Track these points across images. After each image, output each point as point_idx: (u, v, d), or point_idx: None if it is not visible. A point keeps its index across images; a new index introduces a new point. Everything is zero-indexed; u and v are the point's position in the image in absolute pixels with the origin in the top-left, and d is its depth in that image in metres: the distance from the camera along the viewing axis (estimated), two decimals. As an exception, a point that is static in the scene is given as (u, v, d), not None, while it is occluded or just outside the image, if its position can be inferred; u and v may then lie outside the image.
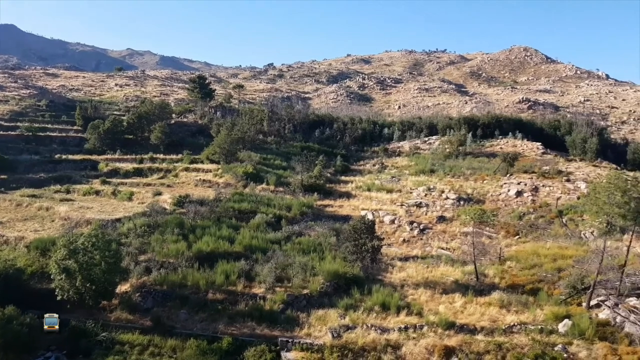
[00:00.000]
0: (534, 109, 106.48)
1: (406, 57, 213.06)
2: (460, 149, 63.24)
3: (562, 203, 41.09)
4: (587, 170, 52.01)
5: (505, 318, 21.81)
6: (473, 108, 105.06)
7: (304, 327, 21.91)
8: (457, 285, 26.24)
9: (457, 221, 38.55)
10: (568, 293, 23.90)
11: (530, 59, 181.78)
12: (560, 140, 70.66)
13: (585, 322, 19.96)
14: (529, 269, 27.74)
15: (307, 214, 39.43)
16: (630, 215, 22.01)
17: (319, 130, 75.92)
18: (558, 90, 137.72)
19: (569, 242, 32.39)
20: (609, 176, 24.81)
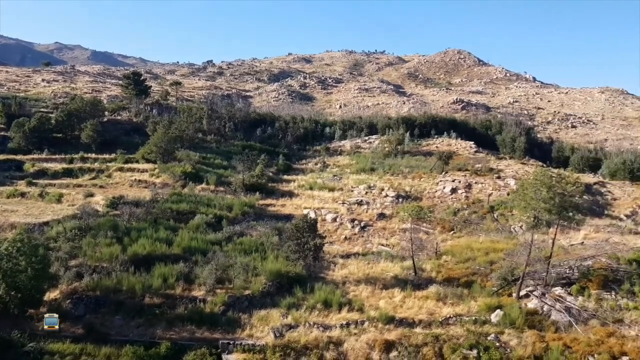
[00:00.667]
0: (467, 110, 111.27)
1: (346, 57, 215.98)
2: (398, 148, 64.97)
3: (493, 199, 43.25)
4: (516, 167, 55.01)
5: (441, 310, 22.63)
6: (411, 108, 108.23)
7: (246, 328, 21.66)
8: (396, 280, 26.91)
9: (397, 218, 39.57)
10: (499, 284, 25.17)
11: (463, 62, 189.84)
12: (491, 140, 74.34)
13: (515, 312, 21.10)
14: (464, 263, 28.97)
15: (249, 214, 38.99)
16: (555, 210, 23.51)
17: (261, 129, 75.35)
18: (489, 92, 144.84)
19: (500, 236, 34.15)
20: (535, 173, 26.37)
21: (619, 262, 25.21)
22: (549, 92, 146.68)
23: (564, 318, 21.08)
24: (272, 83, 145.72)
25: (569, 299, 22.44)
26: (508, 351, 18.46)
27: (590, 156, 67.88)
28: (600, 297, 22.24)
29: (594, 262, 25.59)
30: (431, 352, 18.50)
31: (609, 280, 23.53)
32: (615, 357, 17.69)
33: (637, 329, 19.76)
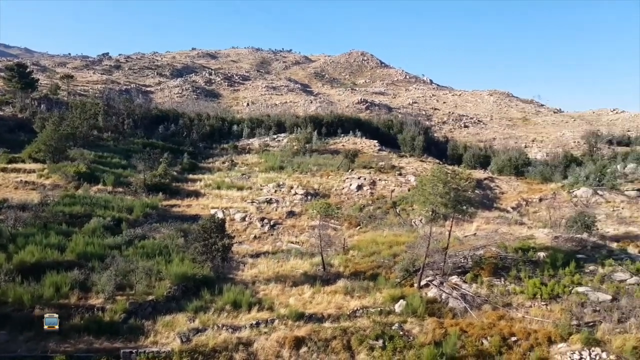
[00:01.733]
0: (371, 110, 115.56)
1: (253, 54, 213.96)
2: (307, 147, 65.76)
3: (395, 195, 45.33)
4: (416, 165, 58.17)
5: (349, 304, 23.22)
6: (318, 107, 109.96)
7: (150, 335, 20.56)
8: (306, 277, 27.18)
9: (306, 215, 40.00)
10: (402, 276, 26.42)
11: (367, 63, 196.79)
12: (393, 138, 77.95)
13: (417, 301, 22.26)
14: (369, 257, 30.01)
15: (152, 215, 37.10)
16: (450, 204, 25.16)
17: (163, 126, 72.25)
18: (391, 93, 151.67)
19: (402, 230, 35.85)
20: (432, 170, 28.02)
21: (506, 250, 27.59)
22: (444, 94, 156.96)
23: (460, 304, 22.64)
24: (175, 78, 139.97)
25: (464, 287, 24.14)
26: (411, 339, 19.42)
27: (481, 154, 73.83)
28: (491, 284, 24.16)
29: (485, 252, 27.78)
30: (340, 345, 18.92)
31: (499, 267, 25.65)
32: (505, 338, 19.32)
33: (523, 311, 21.74)
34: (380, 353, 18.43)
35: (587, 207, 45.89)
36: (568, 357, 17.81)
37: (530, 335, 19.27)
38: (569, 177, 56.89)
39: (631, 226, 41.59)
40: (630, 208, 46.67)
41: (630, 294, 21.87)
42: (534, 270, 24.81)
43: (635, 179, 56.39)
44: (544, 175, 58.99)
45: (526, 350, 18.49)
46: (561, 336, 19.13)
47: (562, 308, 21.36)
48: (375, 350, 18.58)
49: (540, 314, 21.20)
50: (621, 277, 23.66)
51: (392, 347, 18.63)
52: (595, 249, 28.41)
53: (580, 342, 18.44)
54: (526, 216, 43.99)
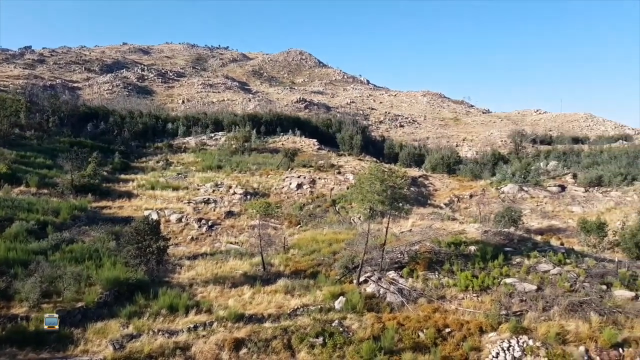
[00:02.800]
0: (310, 109, 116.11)
1: (188, 50, 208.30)
2: (245, 145, 65.01)
3: (335, 193, 45.83)
4: (354, 163, 59.12)
5: (290, 303, 23.17)
6: (256, 106, 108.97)
7: (80, 343, 19.45)
8: (246, 278, 26.83)
9: (245, 215, 39.51)
10: (342, 273, 26.73)
11: (305, 62, 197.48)
12: (332, 137, 78.87)
13: (356, 297, 22.59)
14: (310, 255, 30.11)
15: (80, 218, 35.14)
16: (387, 201, 25.74)
17: (92, 124, 68.79)
18: (329, 92, 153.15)
19: (341, 228, 36.28)
20: (370, 168, 28.55)
21: (440, 245, 28.63)
22: (380, 95, 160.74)
23: (398, 299, 23.24)
24: (105, 74, 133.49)
25: (401, 281, 24.80)
26: (350, 334, 19.68)
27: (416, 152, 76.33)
28: (426, 278, 24.98)
29: (421, 247, 28.69)
30: (280, 344, 18.83)
31: (433, 261, 26.56)
32: (440, 330, 20.04)
33: (456, 303, 22.65)
34: (320, 350, 18.53)
35: (513, 202, 48.67)
36: (498, 345, 18.74)
37: (463, 326, 20.11)
38: (497, 175, 60.13)
39: (553, 220, 44.60)
40: (553, 203, 49.99)
41: (553, 284, 23.37)
42: (465, 264, 25.91)
43: (556, 175, 60.51)
44: (474, 173, 61.97)
45: (459, 341, 19.28)
46: (491, 326, 20.11)
47: (492, 299, 22.45)
48: (315, 348, 18.66)
49: (472, 305, 22.18)
50: (545, 268, 25.23)
51: (332, 344, 18.79)
52: (521, 242, 30.13)
53: (509, 330, 19.47)
54: (458, 212, 45.96)
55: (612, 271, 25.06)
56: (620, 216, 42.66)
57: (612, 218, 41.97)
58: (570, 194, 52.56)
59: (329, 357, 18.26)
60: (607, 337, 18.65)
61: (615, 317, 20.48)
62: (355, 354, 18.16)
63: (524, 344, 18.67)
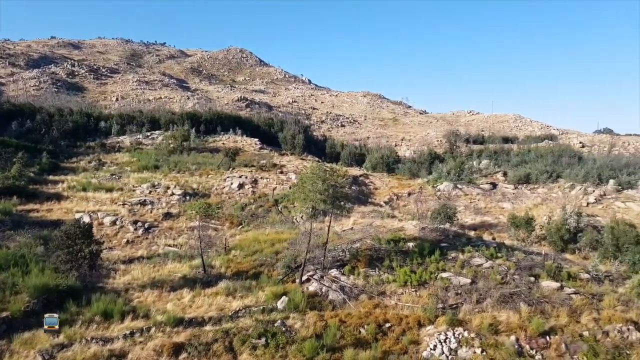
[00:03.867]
0: (251, 108, 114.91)
1: (123, 46, 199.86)
2: (184, 145, 63.30)
3: (277, 193, 45.64)
4: (297, 163, 59.16)
5: (231, 305, 22.80)
6: (195, 104, 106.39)
7: (5, 356, 18.13)
8: (185, 281, 26.10)
9: (184, 216, 38.44)
10: (284, 273, 26.65)
11: (246, 61, 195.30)
12: (274, 137, 78.51)
13: (298, 297, 22.60)
14: (252, 255, 29.78)
15: (5, 222, 32.77)
16: (329, 200, 25.94)
17: (17, 123, 64.47)
18: (271, 91, 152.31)
19: (284, 227, 36.20)
20: (312, 168, 28.66)
21: (380, 242, 29.25)
22: (322, 94, 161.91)
23: (340, 296, 23.49)
24: (32, 69, 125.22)
25: (343, 279, 25.10)
26: (293, 334, 19.65)
27: (357, 152, 77.52)
28: (367, 274, 25.42)
29: (361, 244, 29.19)
30: (221, 347, 18.47)
31: (374, 258, 27.09)
32: (380, 325, 20.45)
33: (396, 298, 23.21)
34: (262, 351, 18.36)
35: (448, 200, 50.62)
36: (435, 338, 19.40)
37: (402, 321, 20.65)
38: (433, 173, 62.31)
39: (486, 216, 46.79)
40: (485, 200, 52.46)
41: (486, 277, 24.52)
42: (404, 260, 26.62)
43: (488, 173, 63.53)
44: (412, 172, 63.89)
45: (399, 335, 19.78)
46: (429, 319, 20.80)
47: (429, 293, 23.22)
48: (258, 349, 18.46)
49: (410, 300, 22.83)
50: (478, 262, 26.42)
51: (274, 344, 18.68)
52: (456, 238, 31.39)
53: (445, 323, 20.21)
54: (397, 210, 47.17)
55: (539, 263, 26.65)
56: (547, 211, 45.48)
57: (539, 213, 44.67)
58: (501, 191, 55.41)
59: (271, 357, 18.13)
60: (535, 326, 19.81)
61: (543, 307, 21.80)
62: (298, 353, 18.15)
63: (459, 336, 19.45)
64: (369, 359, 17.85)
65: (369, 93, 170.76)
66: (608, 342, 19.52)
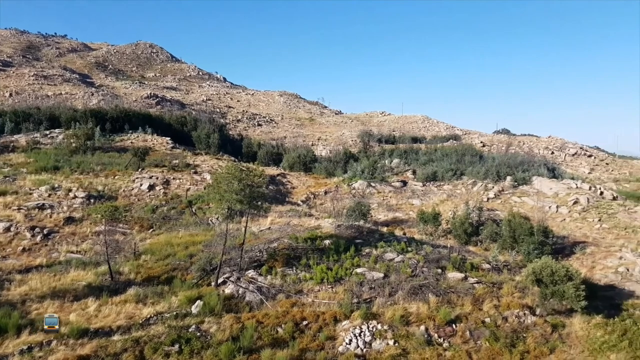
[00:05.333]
0: (162, 105, 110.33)
1: (17, 37, 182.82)
2: (88, 144, 59.25)
3: (191, 194, 44.25)
4: (212, 162, 57.75)
5: (142, 312, 21.73)
6: (101, 101, 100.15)
7: None
8: (90, 289, 24.46)
9: (88, 221, 36.02)
10: (199, 276, 25.91)
11: (156, 56, 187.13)
12: (187, 135, 75.93)
13: (214, 300, 22.06)
14: (164, 260, 28.60)
15: None
16: (245, 200, 25.61)
17: None
18: (183, 89, 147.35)
19: (198, 229, 35.18)
20: (227, 167, 28.11)
21: (297, 241, 29.44)
22: (238, 93, 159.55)
23: (257, 297, 23.30)
24: None
25: (260, 279, 24.92)
26: (209, 338, 19.16)
27: (274, 151, 77.37)
28: (284, 274, 25.46)
29: (279, 244, 29.19)
30: (131, 356, 17.52)
31: (291, 257, 27.20)
32: (298, 323, 20.57)
33: (312, 296, 23.46)
34: (176, 358, 17.70)
35: (363, 197, 52.18)
36: (350, 332, 19.89)
37: (319, 318, 20.94)
38: (348, 172, 63.93)
39: (397, 212, 48.83)
40: (396, 197, 54.73)
41: (398, 271, 25.58)
42: (321, 257, 27.01)
43: (399, 172, 66.34)
44: (328, 171, 65.07)
45: (316, 332, 20.02)
46: (345, 314, 21.28)
47: (345, 289, 23.76)
48: (171, 357, 17.77)
49: (327, 296, 23.20)
50: (390, 257, 27.49)
51: (189, 350, 18.10)
52: (370, 234, 32.44)
53: (360, 317, 20.80)
54: (314, 208, 47.78)
55: (445, 256, 28.31)
56: (452, 207, 48.44)
57: (445, 209, 47.47)
58: (411, 189, 58.14)
59: (186, 364, 17.55)
60: (442, 315, 21.02)
61: (449, 297, 23.19)
62: (214, 357, 17.73)
63: (373, 329, 20.10)
64: (287, 357, 17.87)
65: (286, 92, 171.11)
66: (507, 326, 21.23)
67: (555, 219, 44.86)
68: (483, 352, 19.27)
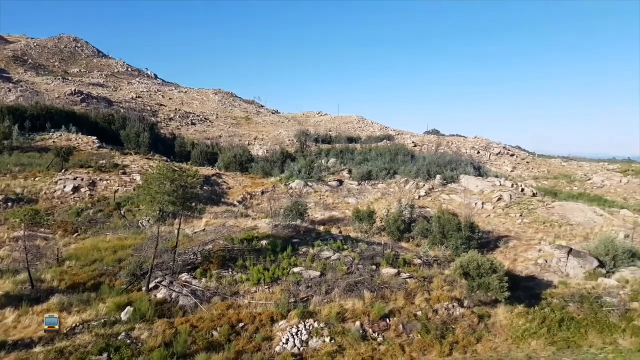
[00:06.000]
0: (88, 102, 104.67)
1: None
2: (5, 143, 55.17)
3: (119, 195, 42.31)
4: (142, 162, 55.53)
5: (66, 321, 20.48)
6: (19, 97, 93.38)
7: None
8: (8, 299, 22.70)
9: (5, 226, 33.49)
10: (129, 281, 24.82)
11: (81, 51, 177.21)
12: (115, 134, 72.54)
13: (145, 305, 21.22)
14: (90, 265, 27.13)
15: None
16: (178, 202, 24.79)
17: None
18: (111, 85, 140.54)
19: (128, 233, 33.71)
20: (159, 167, 27.11)
21: (233, 242, 28.98)
22: (170, 90, 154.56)
23: (191, 301, 22.68)
24: None
25: (194, 282, 24.29)
26: (140, 345, 18.42)
27: (208, 151, 75.64)
28: (220, 276, 24.97)
29: (214, 245, 28.59)
30: (55, 370, 16.51)
31: (227, 259, 26.73)
32: (234, 326, 20.26)
33: (249, 297, 23.20)
34: (105, 368, 16.89)
35: (300, 197, 52.35)
36: (287, 332, 19.88)
37: (255, 319, 20.75)
38: (285, 172, 63.89)
39: (334, 211, 49.42)
40: (333, 196, 55.38)
41: (334, 268, 25.87)
42: (258, 258, 26.78)
43: (335, 171, 67.19)
44: (265, 170, 64.66)
45: (252, 333, 19.83)
46: (281, 314, 21.23)
47: (282, 289, 23.70)
48: (99, 367, 16.92)
49: (264, 297, 23.04)
50: (327, 255, 27.76)
51: (118, 358, 17.31)
52: (307, 233, 32.58)
53: (297, 316, 20.84)
54: (250, 208, 47.27)
55: (380, 253, 29.01)
56: (385, 205, 49.74)
57: (379, 207, 48.64)
58: (347, 187, 59.07)
59: (115, 373, 16.77)
60: (377, 310, 21.54)
61: (383, 292, 23.80)
62: (146, 365, 17.09)
63: (310, 327, 20.23)
64: (222, 361, 17.58)
65: (221, 91, 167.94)
66: (437, 319, 22.11)
67: (481, 215, 47.34)
68: (415, 344, 19.96)
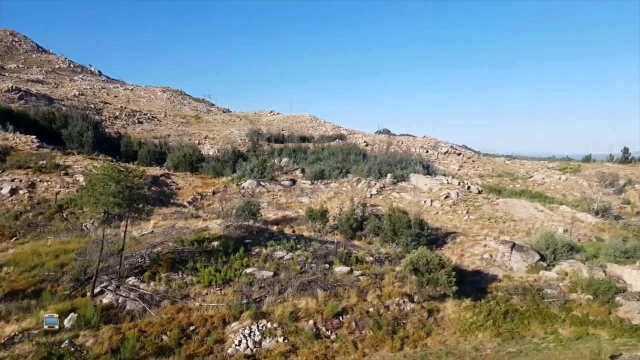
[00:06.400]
0: (27, 100, 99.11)
1: None
2: None
3: (61, 197, 40.38)
4: (85, 163, 53.23)
5: (4, 330, 19.33)
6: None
7: None
8: (-64, 310, 21.19)
9: None
10: (72, 287, 23.74)
11: (19, 45, 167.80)
12: (56, 134, 69.11)
13: (90, 311, 20.35)
14: (30, 271, 25.71)
15: None
16: (124, 203, 23.92)
17: None
18: (52, 82, 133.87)
19: (71, 236, 32.21)
20: (103, 168, 26.07)
21: (183, 244, 28.31)
22: (115, 88, 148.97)
23: (139, 305, 21.97)
24: None
25: (142, 286, 23.55)
26: (85, 353, 17.66)
27: (157, 150, 73.51)
28: (169, 279, 24.34)
29: (163, 248, 27.82)
30: (-9, 384, 15.56)
31: (177, 261, 26.08)
32: (184, 329, 19.82)
33: (200, 299, 22.76)
34: (46, 379, 16.07)
35: (252, 197, 51.88)
36: (240, 333, 19.66)
37: (207, 321, 20.38)
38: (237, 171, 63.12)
39: (287, 211, 49.30)
40: (286, 195, 55.25)
41: (287, 268, 25.82)
42: (209, 260, 26.30)
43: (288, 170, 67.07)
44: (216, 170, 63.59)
45: (204, 336, 19.47)
46: (234, 316, 20.97)
47: (234, 290, 23.40)
48: (40, 378, 16.09)
49: (215, 299, 22.66)
50: (280, 255, 27.66)
51: (61, 369, 16.52)
52: (260, 233, 32.32)
53: (250, 317, 20.65)
54: (202, 209, 46.33)
55: (332, 251, 29.23)
56: (338, 204, 50.16)
57: (332, 206, 49.00)
58: (300, 187, 59.09)
59: (57, 384, 15.99)
60: (330, 308, 21.68)
61: (336, 290, 23.99)
62: (91, 374, 16.41)
63: (263, 328, 20.09)
64: (173, 365, 17.15)
65: (169, 89, 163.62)
66: (389, 314, 22.54)
67: (430, 212, 48.65)
68: (367, 340, 20.25)
